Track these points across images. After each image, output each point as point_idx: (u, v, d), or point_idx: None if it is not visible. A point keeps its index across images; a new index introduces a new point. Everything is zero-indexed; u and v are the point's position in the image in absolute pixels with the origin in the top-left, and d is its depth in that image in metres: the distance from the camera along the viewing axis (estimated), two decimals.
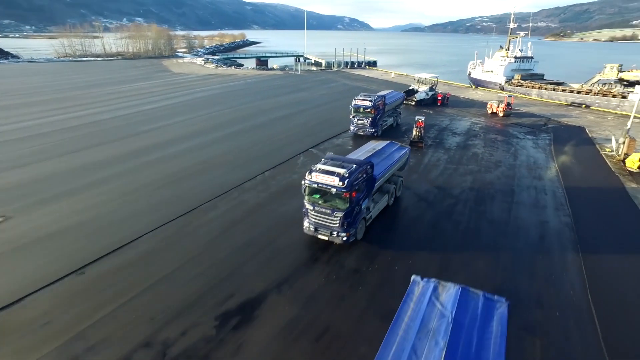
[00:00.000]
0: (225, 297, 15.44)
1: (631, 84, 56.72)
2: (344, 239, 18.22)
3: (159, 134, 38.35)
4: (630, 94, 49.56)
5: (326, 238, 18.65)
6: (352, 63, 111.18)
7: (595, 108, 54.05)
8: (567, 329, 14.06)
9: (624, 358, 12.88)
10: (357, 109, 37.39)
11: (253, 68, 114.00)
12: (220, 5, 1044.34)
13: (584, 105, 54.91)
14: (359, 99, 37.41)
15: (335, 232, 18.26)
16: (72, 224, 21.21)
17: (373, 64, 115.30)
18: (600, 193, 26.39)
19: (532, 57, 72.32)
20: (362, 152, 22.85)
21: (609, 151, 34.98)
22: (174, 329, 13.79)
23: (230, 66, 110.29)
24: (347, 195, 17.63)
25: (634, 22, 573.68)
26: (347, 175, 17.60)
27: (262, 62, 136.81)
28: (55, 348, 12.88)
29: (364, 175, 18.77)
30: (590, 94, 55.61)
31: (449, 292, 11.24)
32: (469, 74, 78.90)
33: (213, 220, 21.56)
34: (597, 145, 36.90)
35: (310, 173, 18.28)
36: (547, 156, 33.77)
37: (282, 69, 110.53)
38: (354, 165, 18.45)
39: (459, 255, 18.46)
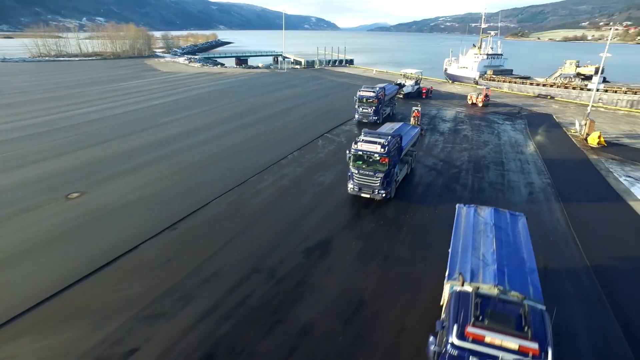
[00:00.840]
0: (301, 239, 19.70)
1: (587, 77, 64.77)
2: (383, 195, 22.92)
3: (179, 125, 41.59)
4: (589, 84, 57.09)
5: (368, 196, 23.27)
6: (333, 61, 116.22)
7: (559, 99, 61.47)
8: (559, 246, 19.34)
9: (596, 256, 18.28)
10: (361, 99, 42.19)
11: (238, 67, 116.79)
12: (185, 5, 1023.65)
13: (549, 97, 62.25)
14: (363, 91, 42.24)
15: (376, 190, 22.91)
16: (144, 195, 24.69)
17: (350, 62, 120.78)
18: (570, 162, 32.41)
19: (502, 55, 79.76)
20: (385, 130, 27.56)
21: (573, 132, 41.44)
22: (272, 260, 17.92)
23: (215, 65, 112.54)
24: (386, 160, 22.33)
25: (583, 23, 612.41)
26: (386, 143, 22.31)
27: (241, 61, 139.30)
28: (181, 279, 16.59)
29: (397, 145, 23.55)
30: (554, 86, 63.11)
31: (485, 211, 16.16)
32: (445, 70, 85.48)
33: (266, 188, 25.67)
34: (563, 128, 43.40)
35: (355, 143, 22.85)
36: (525, 137, 39.81)
37: (268, 67, 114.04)
38: (390, 137, 23.20)
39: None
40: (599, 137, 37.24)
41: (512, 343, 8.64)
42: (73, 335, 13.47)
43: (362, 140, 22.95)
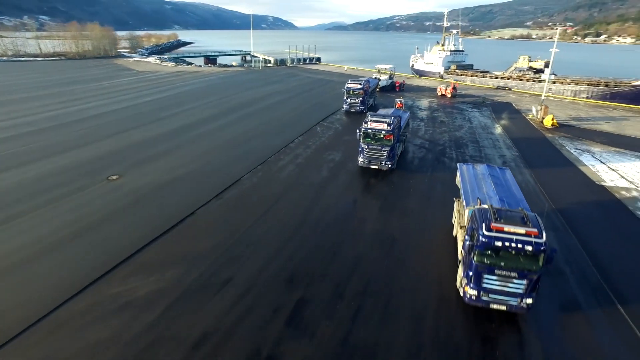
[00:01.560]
0: (331, 200, 23.95)
1: (537, 71, 73.18)
2: (389, 166, 27.64)
3: (182, 118, 44.31)
4: (542, 76, 64.99)
5: (376, 167, 27.91)
6: (304, 59, 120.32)
7: (515, 90, 69.14)
8: (532, 197, 24.77)
9: (559, 202, 23.85)
10: (349, 91, 46.83)
11: (211, 65, 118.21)
12: (138, 4, 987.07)
13: (507, 88, 69.83)
14: (351, 83, 46.92)
15: (383, 162, 27.56)
16: (179, 175, 27.86)
17: (318, 60, 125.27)
18: (531, 139, 38.66)
19: (463, 51, 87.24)
20: (384, 113, 32.24)
21: (531, 117, 48.18)
22: (313, 216, 22.03)
23: (188, 64, 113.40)
24: (391, 137, 27.02)
25: (527, 23, 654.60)
26: (390, 122, 27.04)
27: (210, 60, 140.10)
28: (244, 232, 20.30)
29: (397, 124, 28.32)
30: (510, 79, 70.84)
31: (480, 166, 21.16)
32: (412, 65, 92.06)
33: (286, 166, 29.63)
34: (522, 114, 50.20)
35: (365, 123, 27.40)
36: (492, 121, 46.03)
37: (241, 65, 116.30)
38: (392, 117, 27.91)
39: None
40: (552, 119, 44.04)
41: (521, 229, 13.38)
42: (174, 273, 16.90)
43: (370, 120, 27.51)
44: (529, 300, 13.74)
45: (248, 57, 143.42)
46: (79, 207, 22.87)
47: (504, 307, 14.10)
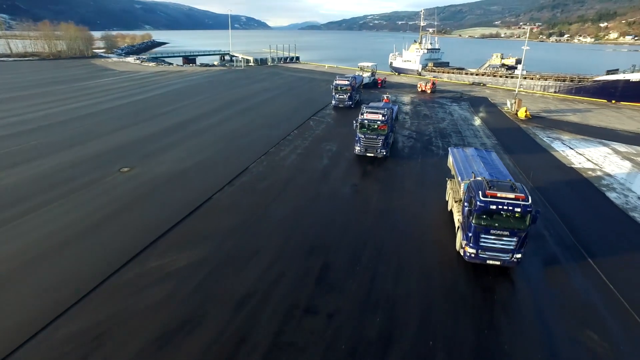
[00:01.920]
0: (336, 183, 26.29)
1: (509, 67, 77.81)
2: (384, 153, 30.18)
3: (180, 114, 45.65)
4: (515, 71, 69.30)
5: (372, 154, 30.36)
6: (285, 58, 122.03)
7: (490, 85, 73.33)
8: (513, 177, 27.80)
9: (536, 181, 26.94)
10: (337, 88, 49.24)
11: (192, 65, 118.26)
12: (106, 3, 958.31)
13: (482, 84, 73.93)
14: (339, 80, 49.37)
15: (378, 150, 30.07)
16: (188, 165, 29.50)
17: (297, 59, 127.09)
18: (508, 129, 42.14)
19: (439, 49, 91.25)
20: (377, 105, 34.72)
21: (506, 110, 51.91)
22: (325, 191, 24.39)
23: (168, 65, 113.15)
24: (385, 127, 29.57)
25: (496, 22, 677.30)
26: (385, 113, 29.59)
27: (189, 60, 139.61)
28: (263, 212, 22.35)
29: (390, 115, 30.89)
30: (485, 75, 75.06)
31: (469, 149, 23.97)
32: (391, 63, 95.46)
33: (288, 155, 31.76)
34: (498, 107, 53.93)
35: (362, 114, 29.83)
36: (471, 114, 49.45)
37: (223, 65, 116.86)
38: (387, 109, 30.46)
39: (445, 158, 31.65)
40: (526, 111, 47.81)
41: (511, 195, 16.07)
42: (205, 248, 18.72)
43: (367, 112, 29.99)
44: (519, 255, 16.45)
45: (227, 57, 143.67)
46: (98, 197, 24.10)
47: (498, 262, 16.77)
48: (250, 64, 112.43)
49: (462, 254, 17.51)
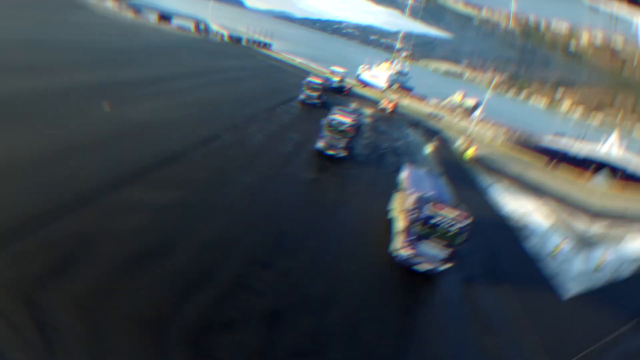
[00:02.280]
0: (299, 171, 27.79)
1: (467, 108, 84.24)
2: (344, 154, 32.05)
3: (158, 70, 45.40)
4: (471, 113, 75.25)
5: (334, 152, 32.04)
6: (259, 42, 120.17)
7: (445, 120, 78.62)
8: None
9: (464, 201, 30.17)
10: (308, 84, 50.54)
11: (167, 24, 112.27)
12: None
13: (438, 117, 79.04)
14: (312, 77, 50.75)
15: (340, 149, 31.77)
16: (176, 116, 31.26)
17: (269, 45, 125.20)
18: (455, 164, 46.20)
19: (408, 73, 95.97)
20: (347, 109, 36.45)
21: (457, 146, 56.29)
22: (289, 171, 25.87)
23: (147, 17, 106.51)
24: (352, 130, 31.46)
25: (463, 61, 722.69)
26: (355, 117, 31.55)
27: (164, 18, 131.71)
28: (236, 167, 23.18)
29: (358, 120, 32.85)
30: (443, 110, 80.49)
31: (419, 170, 26.44)
32: (359, 75, 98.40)
33: (256, 134, 33.06)
34: (449, 142, 58.31)
35: (333, 114, 31.47)
36: (424, 141, 53.10)
37: (200, 32, 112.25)
38: (357, 115, 32.39)
39: (395, 173, 34.26)
40: (474, 152, 52.31)
41: (454, 213, 18.39)
42: (187, 190, 20.56)
43: (338, 113, 31.68)
44: (448, 265, 18.84)
45: (202, 26, 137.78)
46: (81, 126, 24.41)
47: (430, 267, 19.03)
48: (225, 39, 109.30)
49: (395, 255, 19.62)
